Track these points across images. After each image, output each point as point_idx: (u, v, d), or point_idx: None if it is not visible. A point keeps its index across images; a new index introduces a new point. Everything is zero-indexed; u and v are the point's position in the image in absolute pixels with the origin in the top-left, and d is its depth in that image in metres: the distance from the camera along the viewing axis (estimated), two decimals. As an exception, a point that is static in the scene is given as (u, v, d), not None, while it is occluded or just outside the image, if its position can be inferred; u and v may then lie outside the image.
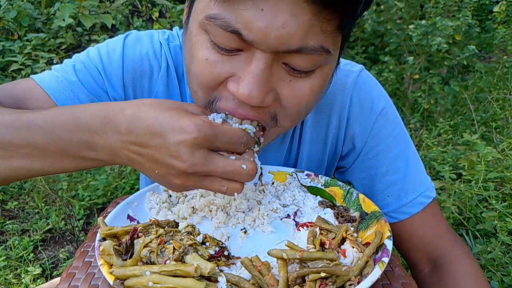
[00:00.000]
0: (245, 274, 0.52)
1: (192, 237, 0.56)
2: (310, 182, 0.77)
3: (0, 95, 0.72)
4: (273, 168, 0.80)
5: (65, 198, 2.20)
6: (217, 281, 0.50)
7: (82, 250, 0.65)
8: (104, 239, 0.56)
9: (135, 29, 2.17)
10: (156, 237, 0.55)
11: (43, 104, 0.73)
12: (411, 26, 2.76)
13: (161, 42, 0.79)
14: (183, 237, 0.55)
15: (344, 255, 0.56)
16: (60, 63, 0.81)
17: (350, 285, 0.50)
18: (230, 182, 0.56)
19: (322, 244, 0.57)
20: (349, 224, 0.65)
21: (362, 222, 0.66)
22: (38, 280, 1.71)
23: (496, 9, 3.62)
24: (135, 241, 0.55)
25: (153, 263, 0.52)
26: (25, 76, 2.56)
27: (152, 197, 0.72)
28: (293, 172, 0.79)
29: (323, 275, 0.49)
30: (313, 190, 0.76)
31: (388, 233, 0.58)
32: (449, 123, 2.65)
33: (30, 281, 1.67)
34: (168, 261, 0.51)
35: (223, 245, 0.57)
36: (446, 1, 2.88)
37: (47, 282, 1.68)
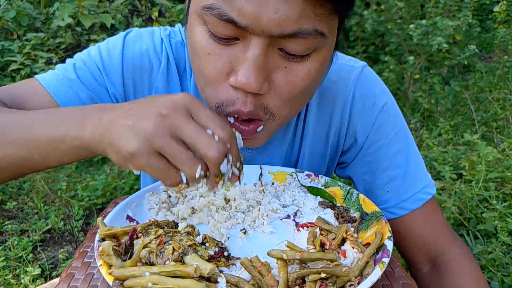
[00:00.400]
0: (245, 274, 0.52)
1: (191, 237, 0.55)
2: (310, 183, 0.77)
3: (4, 95, 0.72)
4: (273, 168, 0.80)
5: (64, 198, 2.20)
6: (216, 281, 0.50)
7: (81, 250, 0.65)
8: (103, 239, 0.56)
9: (134, 28, 2.16)
10: (155, 238, 0.55)
11: (45, 103, 0.74)
12: (412, 26, 2.75)
13: (162, 38, 0.79)
14: (182, 238, 0.55)
15: (344, 256, 0.55)
16: (59, 62, 0.81)
17: (351, 285, 0.49)
18: (193, 163, 0.50)
19: (322, 245, 0.57)
20: (349, 224, 0.65)
21: (362, 223, 0.66)
22: (37, 281, 1.70)
23: (496, 9, 3.62)
24: (134, 242, 0.54)
25: (152, 264, 0.52)
26: (24, 76, 2.56)
27: (152, 197, 0.71)
28: (293, 172, 0.79)
29: (323, 275, 0.48)
30: (313, 191, 0.75)
31: (389, 234, 0.58)
32: (449, 123, 2.65)
33: (29, 281, 1.67)
34: (167, 262, 0.51)
35: (223, 245, 0.57)
36: (447, 1, 2.88)
37: (46, 282, 1.68)
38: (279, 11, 0.51)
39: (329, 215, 0.68)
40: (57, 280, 0.74)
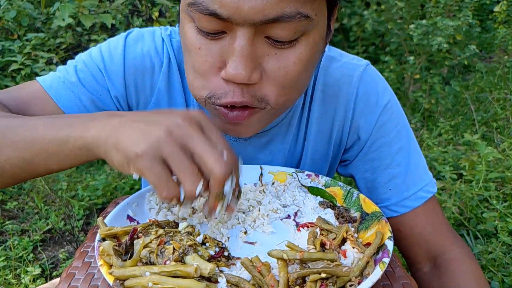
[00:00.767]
0: (245, 274, 0.52)
1: (192, 237, 0.55)
2: (310, 183, 0.77)
3: (6, 98, 0.72)
4: (273, 168, 0.80)
5: (64, 198, 2.20)
6: (217, 281, 0.50)
7: (81, 250, 0.65)
8: (103, 239, 0.56)
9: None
10: (155, 238, 0.55)
11: (47, 106, 0.74)
12: (412, 26, 2.75)
13: (163, 38, 0.79)
14: (183, 238, 0.55)
15: (345, 256, 0.55)
16: (59, 62, 0.82)
17: (351, 285, 0.49)
18: (196, 178, 0.51)
19: (322, 245, 0.57)
20: (349, 224, 0.65)
21: (363, 223, 0.66)
22: (38, 281, 1.70)
23: (496, 9, 3.62)
24: (134, 242, 0.54)
25: (153, 264, 0.52)
26: (24, 76, 2.56)
27: (152, 197, 0.71)
28: (293, 172, 0.79)
29: (323, 275, 0.48)
30: (313, 191, 0.75)
31: (389, 234, 0.58)
32: (449, 123, 2.65)
33: (30, 281, 1.67)
34: (168, 262, 0.51)
35: (223, 245, 0.57)
36: (447, 1, 2.87)
37: (46, 282, 1.68)
38: None
39: (329, 215, 0.68)
40: (57, 280, 0.75)
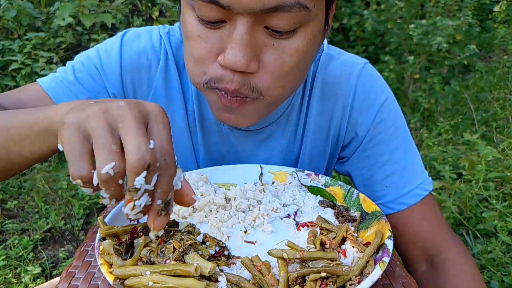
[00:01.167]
0: (245, 274, 0.52)
1: (192, 236, 0.55)
2: (310, 182, 0.77)
3: (6, 101, 0.73)
4: (273, 167, 0.80)
5: (64, 198, 2.20)
6: (217, 281, 0.50)
7: (82, 249, 0.65)
8: (104, 238, 0.56)
9: (135, 28, 2.17)
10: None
11: (43, 106, 0.74)
12: (412, 26, 2.76)
13: (161, 35, 0.80)
14: (183, 237, 0.55)
15: (345, 255, 0.55)
16: (60, 62, 0.82)
17: (351, 285, 0.50)
18: (110, 157, 0.42)
19: (322, 244, 0.57)
20: (349, 224, 0.65)
21: (363, 222, 0.66)
22: (38, 280, 1.71)
23: (496, 8, 3.62)
24: (135, 241, 0.55)
25: (153, 263, 0.52)
26: (24, 75, 2.57)
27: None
28: (293, 171, 0.79)
29: (323, 275, 0.48)
30: (313, 190, 0.76)
31: (389, 233, 0.58)
32: (449, 123, 2.65)
33: (30, 280, 1.67)
34: (168, 261, 0.51)
35: (223, 244, 0.57)
36: (447, 1, 2.88)
37: (46, 281, 1.68)
38: None
39: (329, 214, 0.68)
40: (57, 279, 0.75)
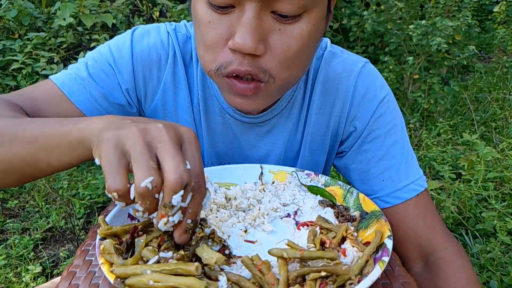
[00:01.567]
0: (245, 273, 0.52)
1: (202, 228, 0.55)
2: (310, 182, 0.78)
3: (20, 99, 0.74)
4: (273, 167, 0.80)
5: (65, 197, 2.20)
6: (217, 279, 0.50)
7: (82, 249, 0.65)
8: (104, 238, 0.57)
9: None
10: (156, 237, 0.55)
11: (61, 104, 0.76)
12: (411, 26, 2.76)
13: (168, 31, 0.82)
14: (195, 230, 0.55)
15: (344, 254, 0.56)
16: (60, 62, 0.83)
17: (351, 284, 0.50)
18: (148, 172, 0.45)
19: (322, 243, 0.58)
20: (349, 223, 0.65)
21: (362, 222, 0.66)
22: (39, 279, 1.71)
23: (496, 9, 3.63)
24: (135, 240, 0.55)
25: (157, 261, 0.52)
26: (25, 75, 2.57)
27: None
28: (293, 171, 0.79)
29: (323, 274, 0.49)
30: (313, 190, 0.76)
31: (388, 233, 0.59)
32: (448, 123, 2.66)
33: (31, 279, 1.67)
34: (170, 260, 0.51)
35: (226, 243, 0.57)
36: (446, 1, 2.88)
37: (47, 280, 1.69)
38: None
39: (329, 214, 0.68)
40: (58, 278, 0.75)
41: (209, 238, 0.55)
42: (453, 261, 0.75)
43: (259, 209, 0.70)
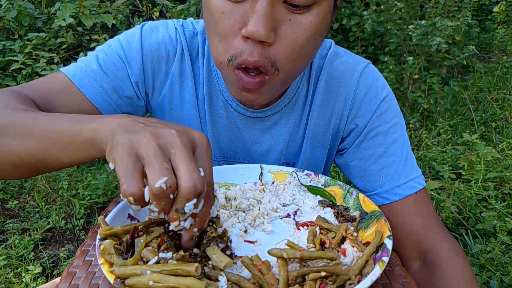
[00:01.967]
0: (245, 273, 0.52)
1: (214, 227, 0.55)
2: (310, 182, 0.78)
3: (31, 92, 0.74)
4: (273, 167, 0.81)
5: (65, 197, 2.21)
6: (217, 280, 0.50)
7: (82, 249, 0.65)
8: (104, 238, 0.57)
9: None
10: (156, 237, 0.55)
11: (73, 96, 0.77)
12: (411, 26, 2.76)
13: (176, 27, 0.84)
14: (207, 229, 0.54)
15: (344, 255, 0.56)
16: (60, 62, 0.84)
17: (350, 284, 0.50)
18: (162, 173, 0.45)
19: (322, 244, 0.58)
20: (349, 223, 0.65)
21: (362, 222, 0.66)
22: (39, 279, 1.71)
23: (495, 9, 3.63)
24: (135, 240, 0.55)
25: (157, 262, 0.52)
26: (25, 75, 2.57)
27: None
28: (293, 171, 0.79)
29: (323, 274, 0.49)
30: (313, 190, 0.76)
31: (388, 233, 0.59)
32: (448, 123, 2.66)
33: (31, 280, 1.67)
34: (169, 261, 0.51)
35: (229, 244, 0.57)
36: (446, 1, 2.88)
37: (47, 281, 1.69)
38: None
39: (329, 214, 0.68)
40: (58, 279, 0.75)
41: (219, 238, 0.55)
42: (451, 260, 0.75)
43: (259, 209, 0.70)
